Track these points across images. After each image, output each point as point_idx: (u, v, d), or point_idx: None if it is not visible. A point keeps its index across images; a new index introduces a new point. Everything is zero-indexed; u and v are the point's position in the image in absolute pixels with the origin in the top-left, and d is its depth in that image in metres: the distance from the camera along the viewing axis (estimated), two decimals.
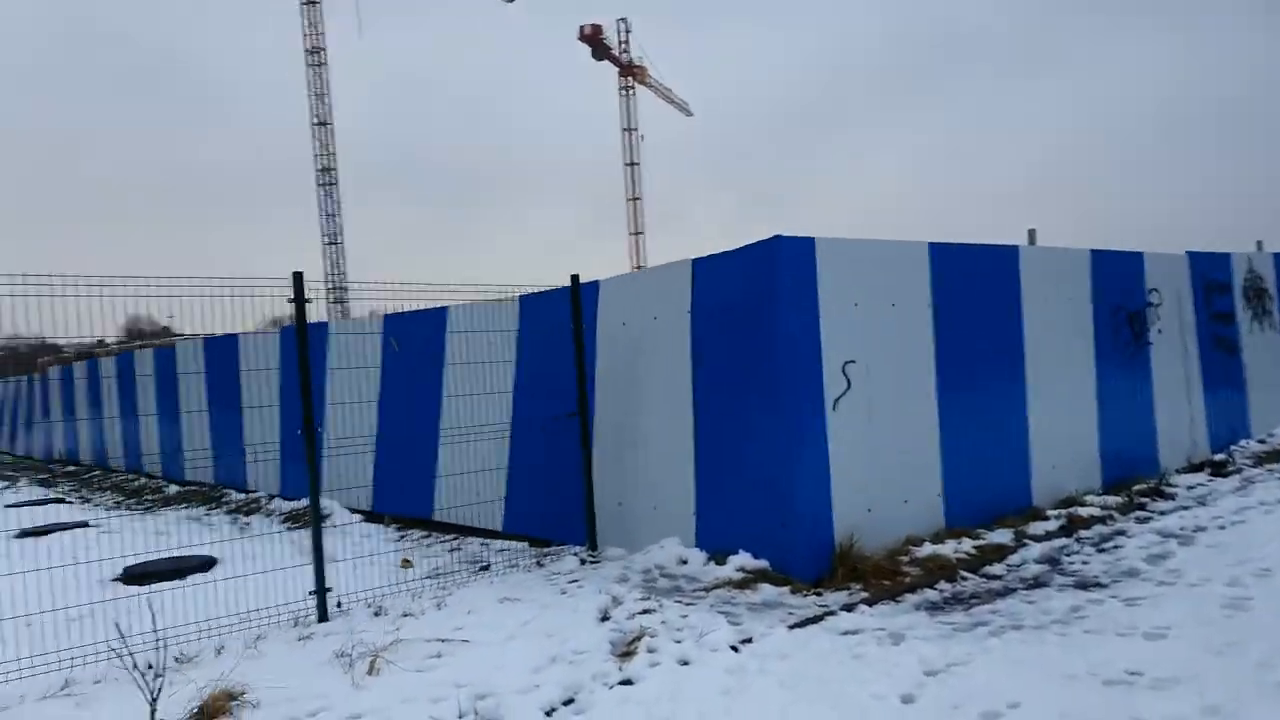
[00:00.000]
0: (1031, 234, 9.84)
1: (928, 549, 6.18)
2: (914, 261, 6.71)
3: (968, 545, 6.36)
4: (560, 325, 7.12)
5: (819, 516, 5.91)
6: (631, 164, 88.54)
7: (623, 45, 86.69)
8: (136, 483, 14.11)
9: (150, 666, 4.09)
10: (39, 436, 20.98)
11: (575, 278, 7.13)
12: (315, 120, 66.46)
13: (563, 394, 7.13)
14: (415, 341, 9.07)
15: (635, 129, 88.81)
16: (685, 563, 6.30)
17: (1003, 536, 6.63)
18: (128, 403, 15.18)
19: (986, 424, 7.06)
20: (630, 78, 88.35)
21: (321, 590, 5.57)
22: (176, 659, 4.79)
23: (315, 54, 66.22)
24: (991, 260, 7.38)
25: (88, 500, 13.04)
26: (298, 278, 5.60)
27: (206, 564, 7.60)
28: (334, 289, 62.82)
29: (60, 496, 13.24)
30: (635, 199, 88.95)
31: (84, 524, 10.03)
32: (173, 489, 13.09)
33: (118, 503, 12.67)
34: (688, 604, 5.32)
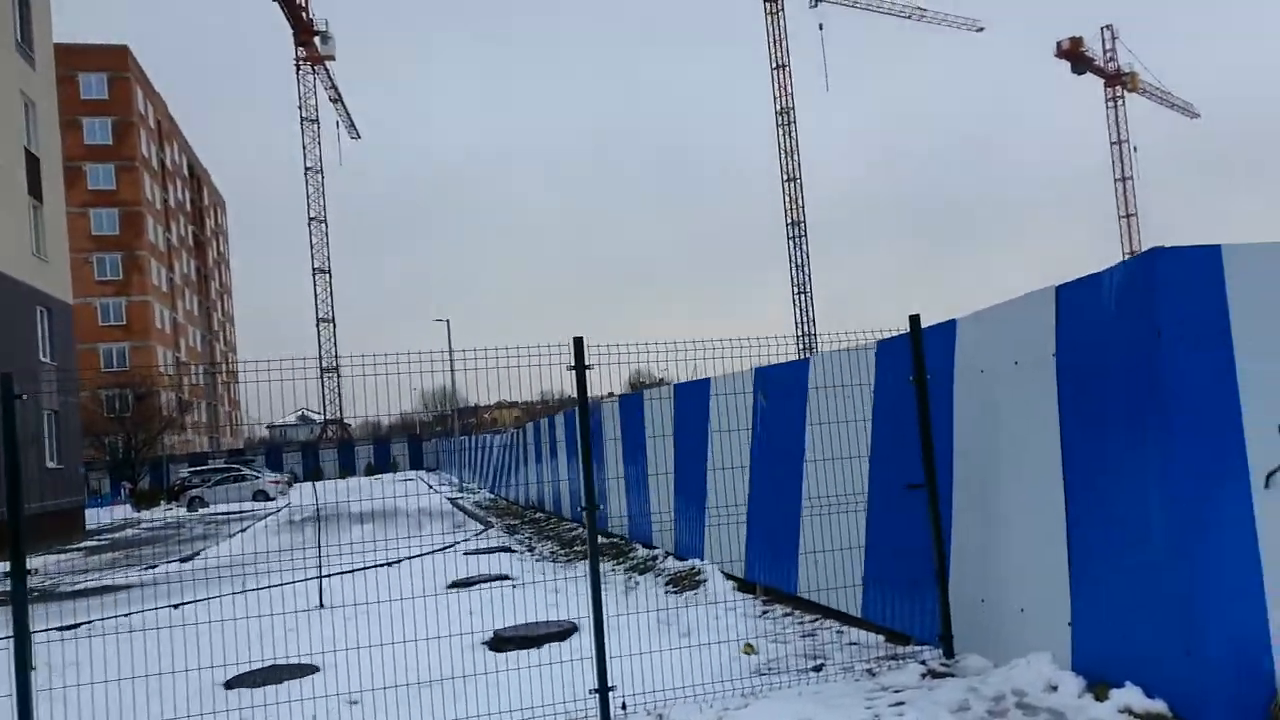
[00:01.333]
0: None
1: None
2: None
3: None
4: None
5: (1243, 645, 4.06)
6: (1123, 179, 78.98)
7: (1108, 54, 78.18)
8: (573, 533, 15.29)
9: None
10: (519, 483, 24.16)
11: (915, 318, 5.97)
12: (785, 177, 69.54)
13: (916, 460, 5.96)
14: (779, 397, 8.43)
15: (1126, 140, 79.23)
16: (1054, 689, 4.75)
17: None
18: (572, 455, 16.65)
19: None
20: (1118, 86, 79.30)
21: (604, 689, 5.11)
22: None
23: (785, 114, 69.49)
24: None
25: (532, 549, 14.39)
26: (578, 343, 5.34)
27: (567, 632, 7.69)
28: (801, 336, 64.58)
29: (507, 545, 14.81)
30: (1129, 216, 79.03)
31: (505, 577, 10.95)
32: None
33: (553, 553, 13.76)
34: None
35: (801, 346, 62.53)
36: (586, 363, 5.32)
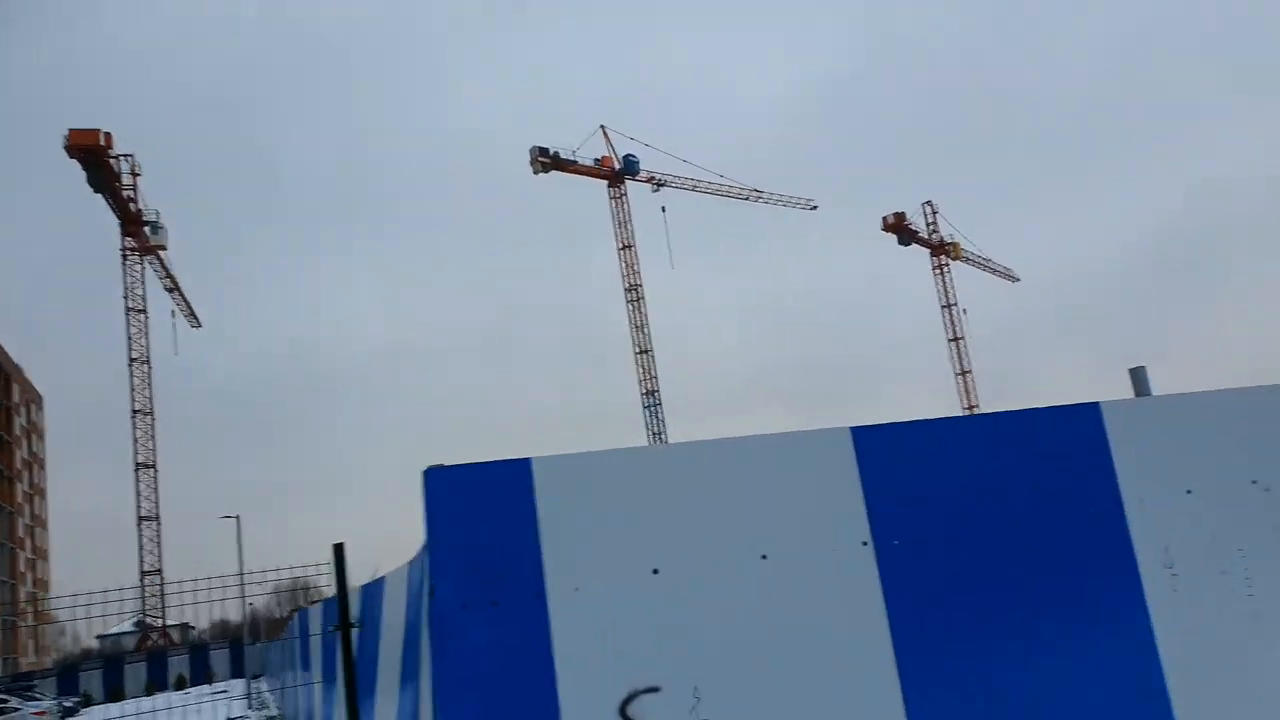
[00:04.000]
0: None
1: None
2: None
3: None
4: None
5: None
6: (955, 339, 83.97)
7: (930, 226, 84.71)
8: None
9: None
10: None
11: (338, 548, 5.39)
12: (638, 350, 70.91)
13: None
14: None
15: (954, 304, 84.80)
16: None
17: None
18: None
19: None
20: (943, 256, 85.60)
21: None
22: None
23: (633, 291, 71.65)
24: None
25: None
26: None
27: None
28: None
29: None
30: (964, 373, 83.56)
31: None
32: None
33: None
34: None
35: None
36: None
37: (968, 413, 79.42)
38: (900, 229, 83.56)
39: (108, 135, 62.22)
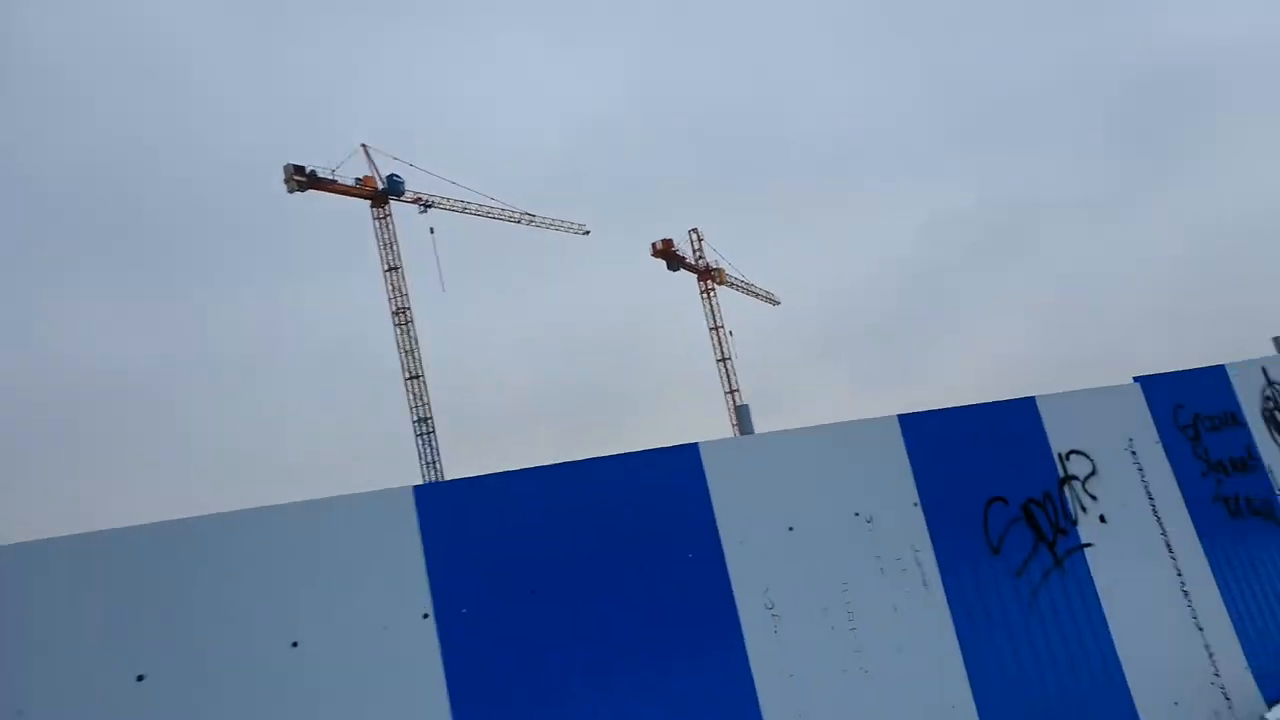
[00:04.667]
0: None
1: None
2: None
3: None
4: None
5: None
6: (723, 359, 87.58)
7: (697, 253, 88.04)
8: None
9: None
10: None
11: None
12: (408, 375, 68.54)
13: None
14: None
15: (721, 326, 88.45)
16: None
17: None
18: None
19: None
20: (709, 281, 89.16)
21: None
22: None
23: (401, 314, 69.31)
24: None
25: None
26: None
27: None
28: None
29: None
30: (732, 392, 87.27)
31: None
32: None
33: None
34: None
35: None
36: None
37: (735, 431, 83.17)
38: (669, 255, 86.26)
39: None
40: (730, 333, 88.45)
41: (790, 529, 4.18)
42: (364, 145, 68.01)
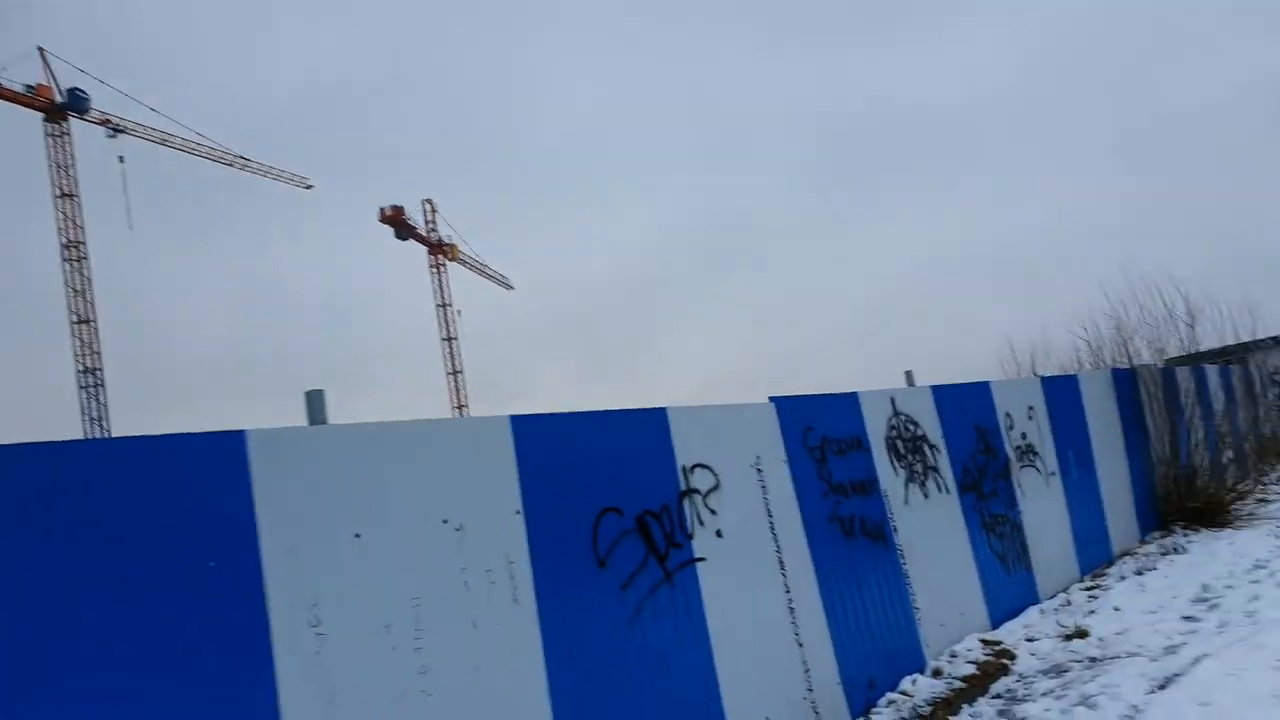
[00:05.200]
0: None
1: None
2: None
3: None
4: None
5: None
6: (449, 339, 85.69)
7: (430, 225, 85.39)
8: None
9: None
10: None
11: None
12: (75, 318, 60.39)
13: None
14: None
15: (449, 304, 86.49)
16: None
17: None
18: None
19: None
20: (440, 255, 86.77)
21: None
22: None
23: (74, 248, 60.93)
24: None
25: None
26: None
27: None
28: None
29: None
30: (455, 373, 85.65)
31: None
32: None
33: None
34: None
35: None
36: None
37: (457, 412, 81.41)
38: (398, 222, 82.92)
39: None
40: (459, 312, 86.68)
41: (357, 536, 3.63)
42: (41, 49, 58.73)
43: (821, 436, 6.75)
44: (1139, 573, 9.38)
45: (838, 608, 6.33)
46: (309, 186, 76.70)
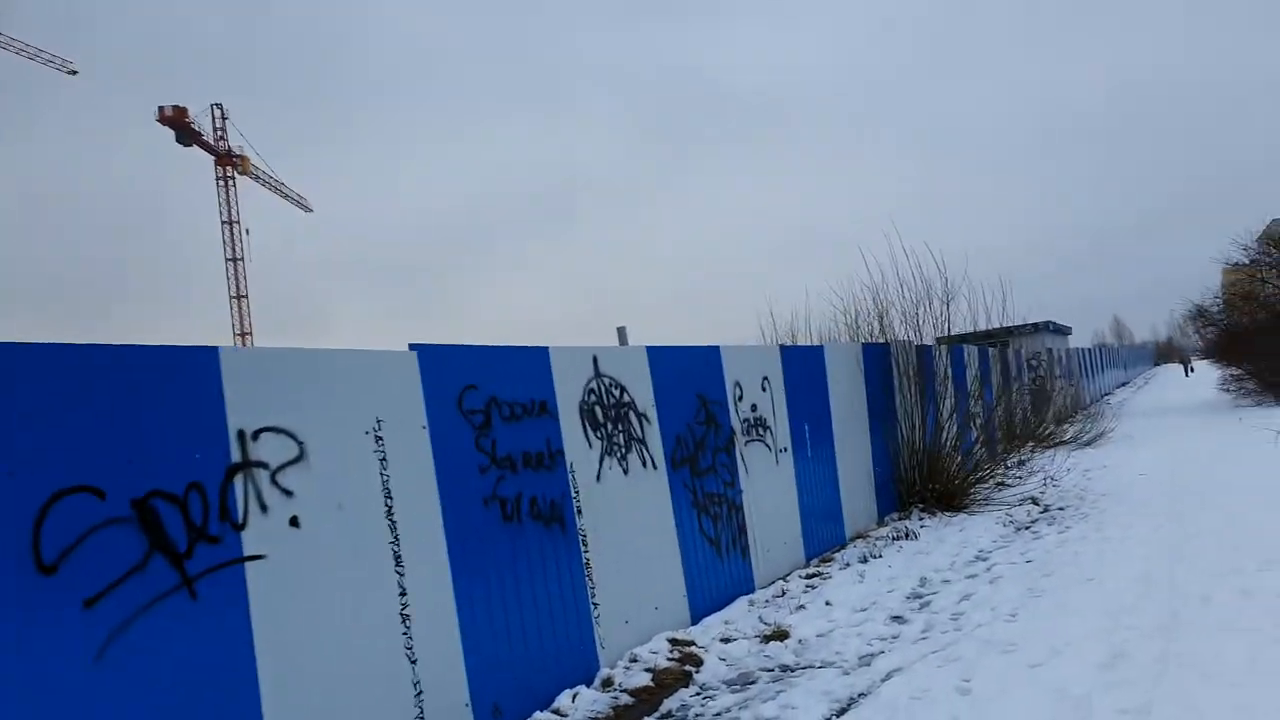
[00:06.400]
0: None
1: None
2: None
3: None
4: None
5: None
6: (235, 259, 79.11)
7: (219, 132, 77.99)
8: None
9: None
10: None
11: None
12: None
13: None
14: None
15: (238, 222, 79.74)
16: None
17: None
18: None
19: None
20: (230, 167, 79.59)
21: None
22: None
23: None
24: None
25: None
26: None
27: None
28: None
29: None
30: (240, 297, 79.35)
31: None
32: None
33: None
34: None
35: None
36: None
37: (240, 341, 75.30)
38: (180, 125, 75.22)
39: None
40: (247, 231, 80.00)
41: None
42: None
43: (488, 398, 5.44)
44: (864, 560, 8.80)
45: (479, 611, 5.08)
46: (73, 72, 68.05)
